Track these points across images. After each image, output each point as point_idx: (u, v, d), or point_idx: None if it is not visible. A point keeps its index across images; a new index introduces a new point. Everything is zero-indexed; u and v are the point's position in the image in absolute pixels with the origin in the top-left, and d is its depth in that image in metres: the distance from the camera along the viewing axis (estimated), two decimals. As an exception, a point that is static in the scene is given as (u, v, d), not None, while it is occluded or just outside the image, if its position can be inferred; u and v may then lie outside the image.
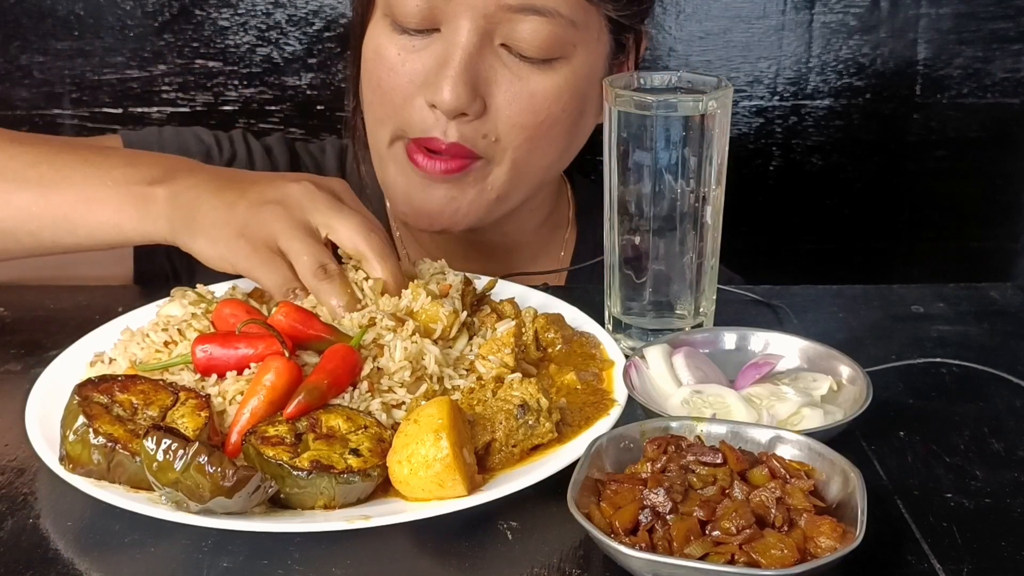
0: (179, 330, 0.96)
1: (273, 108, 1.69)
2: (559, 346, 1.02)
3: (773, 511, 0.73)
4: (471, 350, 0.98)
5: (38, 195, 1.08)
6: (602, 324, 1.07)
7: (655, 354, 0.95)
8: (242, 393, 0.88)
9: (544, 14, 1.13)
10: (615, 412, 0.91)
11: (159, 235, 1.06)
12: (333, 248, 1.02)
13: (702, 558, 0.70)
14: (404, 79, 1.16)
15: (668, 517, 0.73)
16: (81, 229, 1.09)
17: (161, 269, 1.28)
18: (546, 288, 1.15)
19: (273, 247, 1.00)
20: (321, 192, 1.02)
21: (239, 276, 1.04)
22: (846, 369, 0.94)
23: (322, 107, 1.70)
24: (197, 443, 0.76)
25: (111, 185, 1.07)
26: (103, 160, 1.10)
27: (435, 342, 0.95)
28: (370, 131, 1.24)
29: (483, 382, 0.92)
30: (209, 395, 0.88)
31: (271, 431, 0.83)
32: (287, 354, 0.89)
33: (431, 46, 1.15)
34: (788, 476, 0.77)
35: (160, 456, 0.76)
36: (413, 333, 0.94)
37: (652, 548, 0.71)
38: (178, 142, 1.32)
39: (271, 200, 1.01)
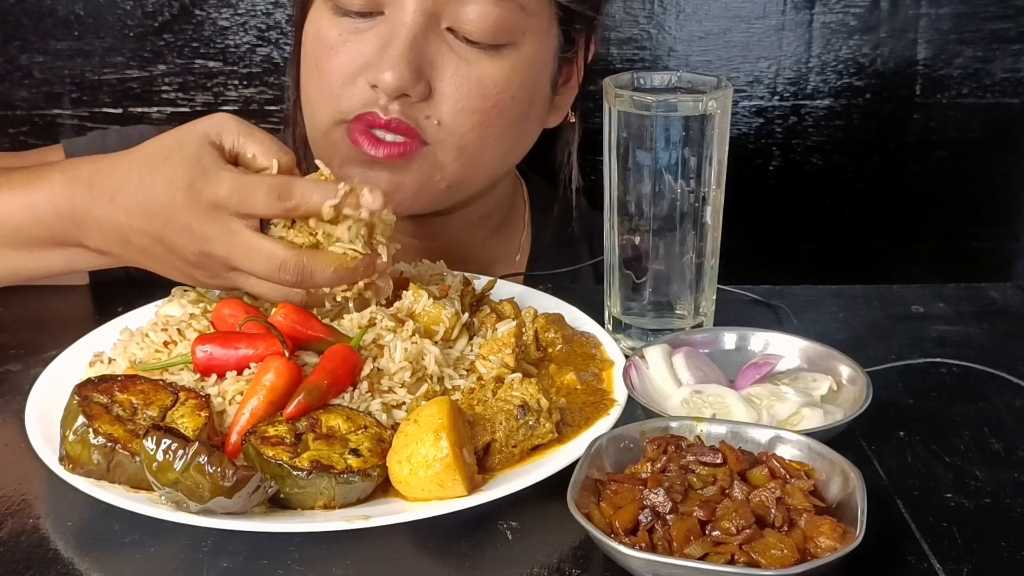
0: (179, 330, 0.96)
1: (273, 108, 1.68)
2: (559, 346, 1.02)
3: (773, 511, 0.73)
4: (471, 350, 0.98)
5: None
6: (602, 324, 1.07)
7: (655, 354, 0.95)
8: (242, 393, 0.88)
9: None
10: (615, 412, 0.91)
11: (116, 265, 1.05)
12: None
13: (702, 558, 0.70)
14: (345, 59, 1.12)
15: (668, 517, 0.73)
16: (35, 275, 1.08)
17: (117, 273, 1.27)
18: (546, 288, 1.15)
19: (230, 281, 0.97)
20: (218, 216, 0.94)
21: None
22: (846, 369, 0.94)
23: (322, 107, 1.69)
24: (197, 443, 0.77)
25: (30, 247, 1.04)
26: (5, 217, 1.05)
27: (435, 343, 0.95)
28: (308, 118, 1.19)
29: (483, 382, 0.92)
30: (209, 395, 0.88)
31: (271, 431, 0.83)
32: (287, 354, 0.89)
33: (375, 28, 1.11)
34: (788, 476, 0.77)
35: (160, 456, 0.76)
36: (413, 334, 0.94)
37: (652, 548, 0.71)
38: (122, 145, 1.30)
39: (200, 256, 0.96)
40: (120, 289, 1.23)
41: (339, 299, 0.97)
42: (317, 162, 0.99)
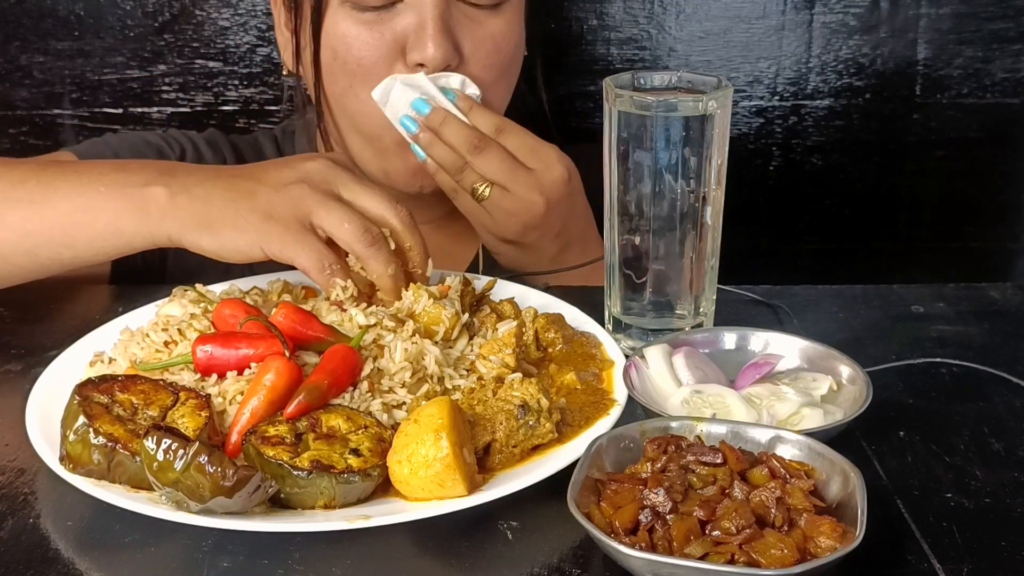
0: (179, 330, 0.96)
1: (273, 108, 1.69)
2: (559, 346, 1.02)
3: (773, 511, 0.73)
4: (471, 350, 0.98)
5: (30, 212, 1.06)
6: (602, 324, 1.07)
7: (655, 354, 0.95)
8: (242, 393, 0.88)
9: None
10: (615, 412, 0.91)
11: (163, 236, 1.04)
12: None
13: (702, 558, 0.70)
14: (382, 50, 1.21)
15: (668, 517, 0.73)
16: (79, 241, 1.06)
17: (134, 267, 1.27)
18: (546, 288, 1.15)
19: (306, 224, 1.01)
20: (340, 167, 1.06)
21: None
22: (846, 369, 0.94)
23: (322, 107, 1.69)
24: (197, 443, 0.77)
25: (104, 191, 1.05)
26: (92, 168, 1.09)
27: (435, 343, 0.95)
28: (359, 114, 1.25)
29: (483, 382, 0.92)
30: (209, 395, 0.88)
31: (271, 431, 0.83)
32: (288, 354, 0.89)
33: (396, 17, 1.20)
34: (788, 476, 0.77)
35: (160, 456, 0.76)
36: (413, 334, 0.94)
37: (652, 548, 0.71)
38: (128, 147, 1.32)
39: (293, 180, 1.03)
40: (120, 289, 1.23)
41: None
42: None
